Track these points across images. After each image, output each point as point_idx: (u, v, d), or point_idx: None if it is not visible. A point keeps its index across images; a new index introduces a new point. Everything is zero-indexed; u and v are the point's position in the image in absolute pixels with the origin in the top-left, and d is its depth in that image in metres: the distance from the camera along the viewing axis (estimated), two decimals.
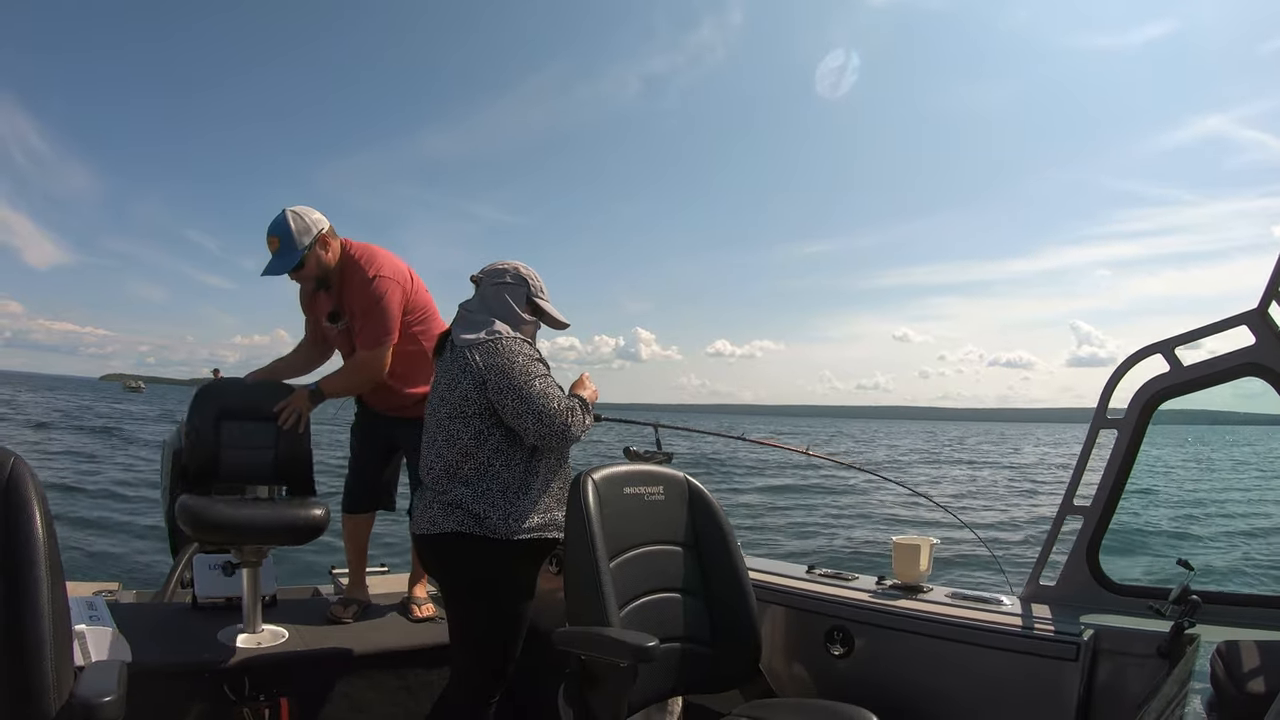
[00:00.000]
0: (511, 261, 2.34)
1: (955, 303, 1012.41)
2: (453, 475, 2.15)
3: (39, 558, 1.31)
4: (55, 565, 1.33)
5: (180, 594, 3.25)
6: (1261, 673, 1.66)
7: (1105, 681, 1.93)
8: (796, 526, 12.23)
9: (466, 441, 2.14)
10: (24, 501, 1.32)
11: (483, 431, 2.14)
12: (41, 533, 1.32)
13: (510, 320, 2.24)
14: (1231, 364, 1.95)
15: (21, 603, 1.28)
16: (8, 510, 1.31)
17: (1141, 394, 2.05)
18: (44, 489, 1.36)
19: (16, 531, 1.31)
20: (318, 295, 2.95)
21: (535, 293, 2.32)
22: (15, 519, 1.31)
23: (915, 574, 2.31)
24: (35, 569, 1.30)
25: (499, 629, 2.16)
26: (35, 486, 1.35)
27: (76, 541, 8.56)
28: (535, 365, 2.16)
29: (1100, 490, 2.10)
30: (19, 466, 1.34)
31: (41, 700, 1.27)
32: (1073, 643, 1.91)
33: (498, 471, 2.14)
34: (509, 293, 2.28)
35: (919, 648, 2.13)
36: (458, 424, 2.15)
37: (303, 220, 2.76)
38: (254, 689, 2.35)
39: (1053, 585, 2.17)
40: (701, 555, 2.24)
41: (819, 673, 2.31)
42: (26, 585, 1.29)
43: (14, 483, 1.33)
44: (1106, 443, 2.10)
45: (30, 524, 1.31)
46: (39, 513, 1.33)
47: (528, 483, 2.17)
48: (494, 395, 2.12)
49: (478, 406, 2.14)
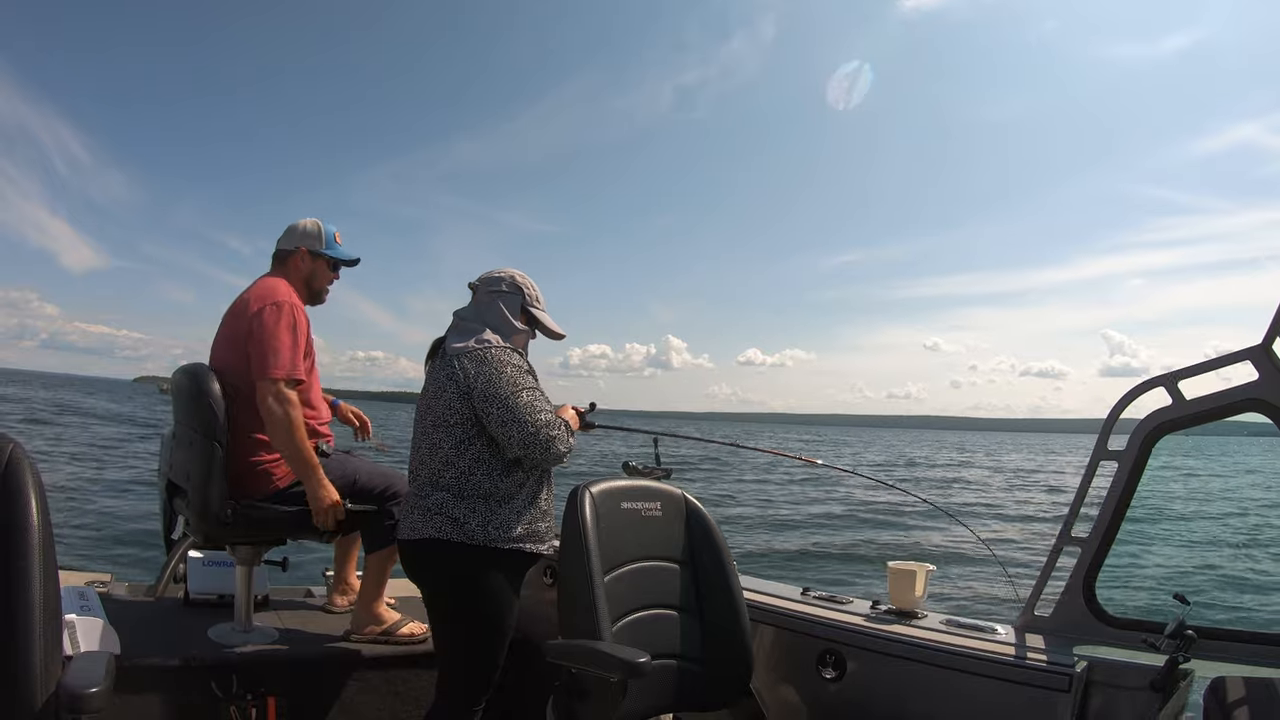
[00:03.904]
0: (508, 270, 2.35)
1: (986, 313, 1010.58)
2: (435, 482, 2.15)
3: (32, 545, 1.31)
4: (49, 553, 1.33)
5: (173, 589, 3.24)
6: (1253, 710, 1.64)
7: (1097, 714, 1.91)
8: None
9: (448, 450, 2.14)
10: (20, 488, 1.33)
11: (464, 441, 2.14)
12: (36, 520, 1.32)
13: (503, 329, 2.25)
14: (1234, 399, 1.94)
15: (13, 589, 1.28)
16: (4, 496, 1.31)
17: (1143, 427, 2.05)
18: (41, 477, 1.37)
19: (12, 518, 1.31)
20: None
21: (530, 302, 2.32)
22: (11, 505, 1.31)
23: (910, 599, 2.30)
24: (28, 556, 1.30)
25: (479, 637, 2.16)
26: (33, 474, 1.35)
27: (72, 530, 8.56)
28: (523, 377, 2.16)
29: (1099, 522, 2.08)
30: (17, 453, 1.34)
31: (28, 687, 1.26)
32: (1065, 674, 1.90)
33: (479, 481, 2.13)
34: (504, 301, 2.28)
35: (911, 674, 2.11)
36: (440, 432, 2.16)
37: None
38: (242, 687, 2.34)
39: (1048, 616, 2.16)
40: (696, 573, 2.23)
41: (810, 696, 2.29)
42: (19, 572, 1.29)
43: (12, 469, 1.33)
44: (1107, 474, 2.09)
45: (26, 511, 1.32)
46: (34, 500, 1.33)
47: (510, 493, 2.16)
48: (479, 404, 2.12)
49: (460, 415, 2.14)
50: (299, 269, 2.73)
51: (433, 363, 2.29)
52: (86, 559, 7.36)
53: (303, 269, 2.73)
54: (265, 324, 2.47)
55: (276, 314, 2.49)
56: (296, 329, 2.52)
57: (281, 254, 2.75)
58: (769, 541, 12.39)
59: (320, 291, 2.80)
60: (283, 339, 2.46)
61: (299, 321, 2.54)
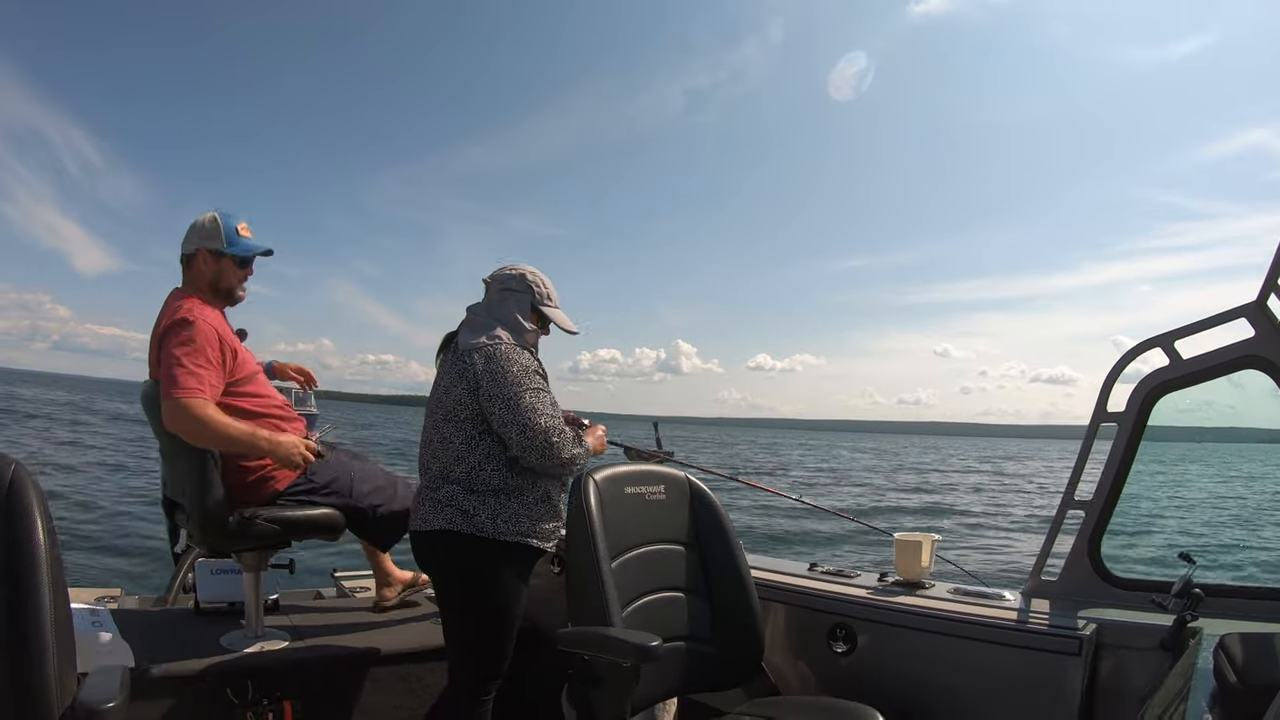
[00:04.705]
0: (520, 266, 2.33)
1: (996, 319, 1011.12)
2: (446, 476, 2.16)
3: (40, 564, 1.31)
4: (57, 572, 1.33)
5: (183, 599, 3.24)
6: (1264, 666, 1.66)
7: (1108, 675, 1.93)
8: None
9: (458, 445, 2.15)
10: (25, 508, 1.32)
11: (474, 436, 2.15)
12: (43, 539, 1.32)
13: (513, 327, 2.24)
14: (1231, 356, 1.95)
15: (24, 610, 1.28)
16: (9, 517, 1.31)
17: (1141, 387, 2.05)
18: (45, 496, 1.36)
19: (18, 538, 1.30)
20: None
21: (540, 300, 2.30)
22: (17, 526, 1.31)
23: (917, 570, 2.31)
24: (37, 575, 1.30)
25: (488, 628, 2.17)
26: (36, 493, 1.34)
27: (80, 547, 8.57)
28: (529, 377, 2.15)
29: (1101, 484, 2.10)
30: (20, 473, 1.34)
31: (45, 706, 1.27)
32: (1075, 637, 1.91)
33: (489, 476, 2.14)
34: (513, 299, 2.27)
35: (921, 644, 2.12)
36: (450, 427, 2.17)
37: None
38: (257, 693, 2.35)
39: (1054, 580, 2.17)
40: (703, 554, 2.24)
41: (822, 670, 2.31)
42: (29, 592, 1.29)
43: (15, 490, 1.33)
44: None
45: (32, 531, 1.31)
46: (40, 519, 1.33)
47: (521, 489, 2.17)
48: (484, 401, 2.13)
49: (469, 411, 2.14)
50: (202, 273, 2.54)
51: (444, 357, 2.29)
52: (96, 575, 7.37)
53: (206, 273, 2.54)
54: (166, 347, 2.35)
55: (174, 335, 2.36)
56: (200, 345, 2.36)
57: (185, 258, 2.56)
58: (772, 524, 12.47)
59: (230, 291, 2.60)
60: (183, 361, 2.33)
61: (200, 336, 2.37)
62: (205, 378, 2.34)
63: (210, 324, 2.42)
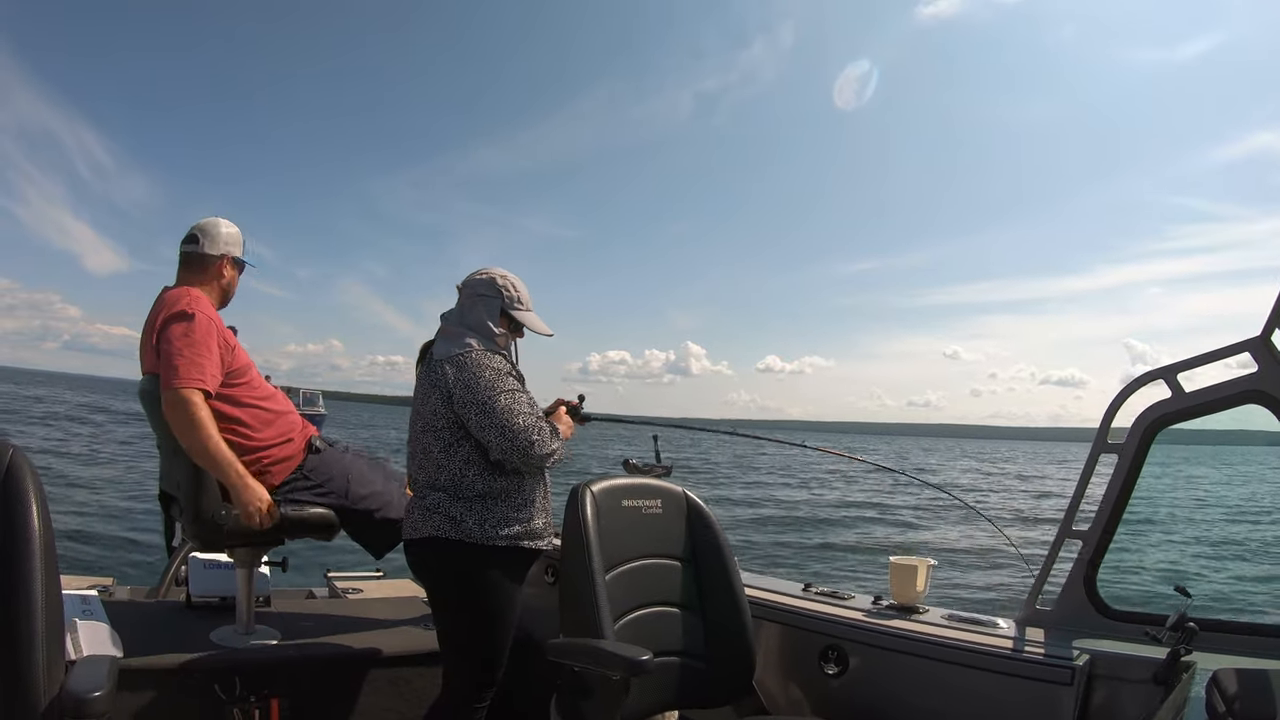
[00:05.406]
0: (491, 270, 2.33)
1: (1005, 321, 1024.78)
2: (431, 484, 2.18)
3: (34, 550, 1.31)
4: (50, 559, 1.33)
5: (175, 592, 3.24)
6: (1257, 701, 1.64)
7: (1100, 707, 1.91)
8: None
9: (437, 455, 2.17)
10: (21, 493, 1.33)
11: (452, 444, 2.16)
12: (38, 525, 1.32)
13: (483, 332, 2.24)
14: (1233, 391, 1.94)
15: (15, 595, 1.28)
16: (5, 502, 1.31)
17: (1142, 419, 2.05)
18: (41, 481, 1.37)
19: (13, 523, 1.31)
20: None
21: (510, 304, 2.30)
22: (12, 511, 1.31)
23: (912, 595, 2.30)
24: (30, 561, 1.30)
25: (481, 635, 2.17)
26: (33, 479, 1.35)
27: (73, 536, 8.56)
28: (502, 380, 2.15)
29: (1099, 514, 2.08)
30: (18, 458, 1.34)
31: (32, 693, 1.27)
32: (1068, 667, 1.90)
33: (473, 481, 2.15)
34: (484, 305, 2.27)
35: (914, 669, 2.11)
36: (429, 437, 2.18)
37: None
38: (245, 689, 2.34)
39: (1050, 609, 2.16)
40: (698, 570, 2.23)
41: (812, 691, 2.29)
42: (21, 578, 1.29)
43: (12, 474, 1.33)
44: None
45: (27, 516, 1.32)
46: (36, 505, 1.33)
47: (506, 491, 2.17)
48: (459, 409, 2.13)
49: (446, 420, 2.16)
50: (220, 277, 2.63)
51: (421, 367, 2.29)
52: (90, 563, 7.36)
53: (226, 277, 2.65)
54: (167, 339, 2.38)
55: (175, 326, 2.39)
56: (200, 337, 2.40)
57: (205, 258, 2.61)
58: (770, 538, 12.42)
59: (230, 296, 2.70)
60: (184, 351, 2.36)
61: (200, 329, 2.41)
62: (206, 368, 2.38)
63: (210, 316, 2.48)
